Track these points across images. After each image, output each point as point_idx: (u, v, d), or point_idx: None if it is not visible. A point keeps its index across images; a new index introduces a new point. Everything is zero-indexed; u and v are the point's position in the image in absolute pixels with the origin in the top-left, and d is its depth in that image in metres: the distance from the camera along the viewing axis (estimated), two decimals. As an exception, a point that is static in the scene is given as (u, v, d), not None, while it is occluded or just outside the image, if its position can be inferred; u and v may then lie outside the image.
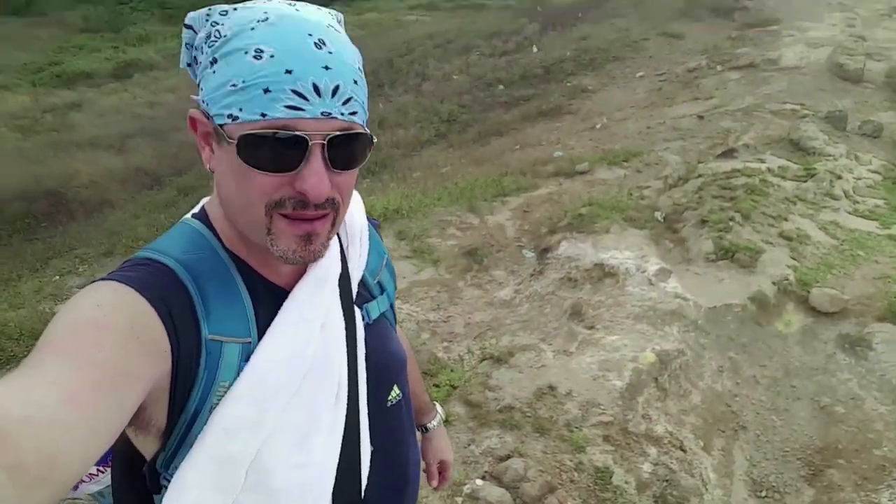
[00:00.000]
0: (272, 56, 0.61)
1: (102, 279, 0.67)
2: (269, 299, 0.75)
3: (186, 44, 0.71)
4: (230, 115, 0.64)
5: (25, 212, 9.04)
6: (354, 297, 0.86)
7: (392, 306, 0.98)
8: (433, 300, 4.14)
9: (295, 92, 0.62)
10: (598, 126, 8.97)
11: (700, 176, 5.35)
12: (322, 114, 0.63)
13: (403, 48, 14.29)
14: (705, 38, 12.57)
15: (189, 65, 0.72)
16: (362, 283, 0.89)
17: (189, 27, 0.70)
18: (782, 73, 9.56)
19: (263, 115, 0.62)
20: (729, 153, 5.93)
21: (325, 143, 0.64)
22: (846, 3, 14.76)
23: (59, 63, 17.36)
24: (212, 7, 0.68)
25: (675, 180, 5.56)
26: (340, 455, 0.78)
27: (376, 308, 0.90)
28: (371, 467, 0.85)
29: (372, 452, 0.86)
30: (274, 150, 0.63)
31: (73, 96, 14.56)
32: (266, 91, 0.61)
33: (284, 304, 0.75)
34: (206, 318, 0.69)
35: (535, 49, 13.54)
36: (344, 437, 0.79)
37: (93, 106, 13.78)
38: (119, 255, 6.79)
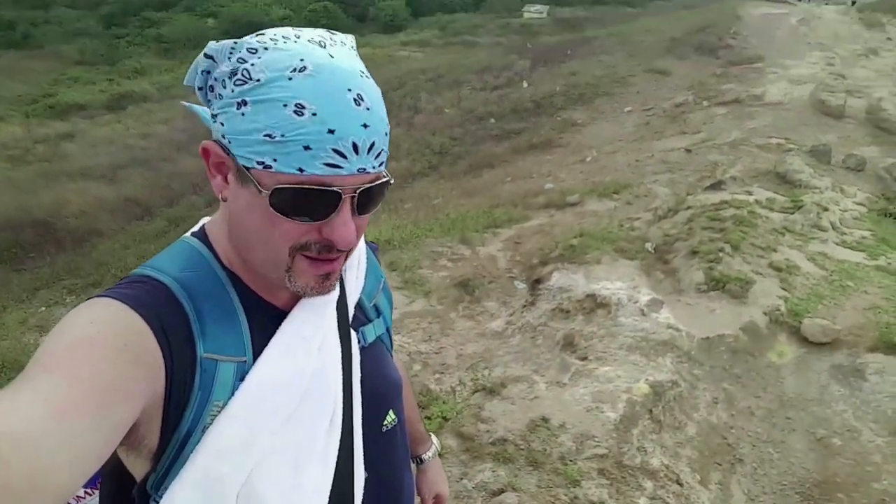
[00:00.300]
0: (314, 114, 0.62)
1: (98, 296, 0.67)
2: (265, 319, 0.74)
3: (203, 70, 0.68)
4: (261, 163, 0.63)
5: (13, 242, 8.96)
6: (350, 319, 0.85)
7: (388, 330, 0.97)
8: (425, 331, 4.10)
9: (335, 151, 0.63)
10: (588, 159, 9.10)
11: (689, 207, 5.40)
12: (358, 170, 0.65)
13: (396, 82, 14.55)
14: (691, 75, 12.91)
15: (200, 88, 0.70)
16: (359, 305, 0.89)
17: (210, 57, 0.67)
18: (767, 108, 9.80)
19: (301, 170, 0.63)
20: (717, 185, 6.01)
21: (356, 195, 0.67)
22: (825, 43, 15.28)
23: (53, 94, 17.52)
24: (237, 41, 0.66)
25: (664, 212, 5.61)
26: (334, 481, 0.76)
27: (372, 331, 0.90)
28: (365, 494, 0.83)
29: (366, 479, 0.83)
30: (308, 202, 0.65)
31: (65, 127, 14.64)
32: (307, 148, 0.62)
33: (284, 323, 0.75)
34: (201, 336, 0.68)
35: (525, 84, 13.83)
36: (337, 462, 0.77)
37: (85, 137, 13.84)
38: (107, 285, 6.69)
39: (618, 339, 3.50)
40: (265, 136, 0.62)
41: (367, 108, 0.64)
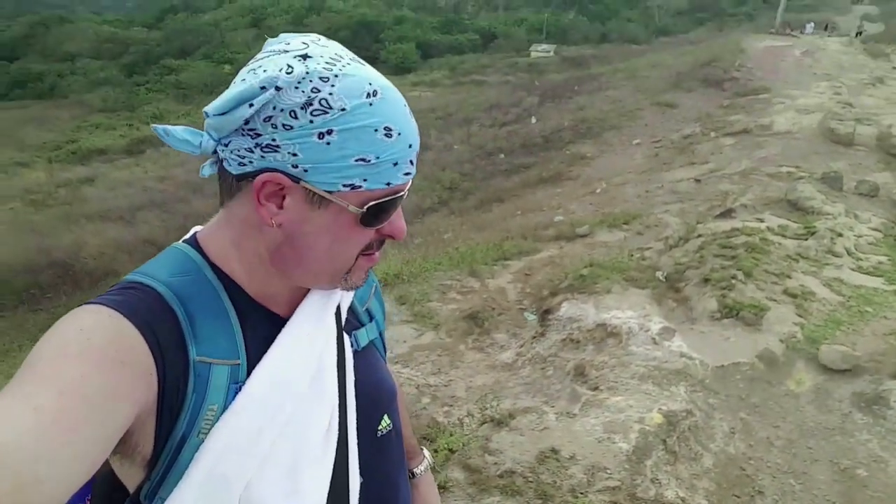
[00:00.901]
0: (399, 134, 0.68)
1: (88, 303, 0.66)
2: (261, 323, 0.74)
3: (261, 103, 0.65)
4: (349, 185, 0.67)
5: (32, 283, 9.12)
6: (343, 323, 0.85)
7: (381, 335, 0.96)
8: (434, 364, 4.05)
9: (411, 161, 0.71)
10: (597, 191, 9.12)
11: (700, 236, 5.36)
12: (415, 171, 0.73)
13: (406, 121, 14.83)
14: (698, 107, 13.00)
15: (247, 120, 0.66)
16: (351, 309, 0.89)
17: (279, 89, 0.65)
18: (776, 137, 9.81)
19: (388, 183, 0.69)
20: (728, 213, 5.97)
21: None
22: (831, 72, 15.37)
23: (76, 141, 18.12)
24: (308, 71, 0.65)
25: (675, 241, 5.57)
26: (330, 486, 0.76)
27: (365, 336, 0.89)
28: (360, 499, 0.82)
29: (361, 484, 0.82)
30: (390, 209, 0.71)
31: (86, 171, 15.08)
32: (395, 164, 0.68)
33: (288, 323, 0.75)
34: (193, 339, 0.68)
35: (533, 120, 14.02)
36: (333, 466, 0.77)
37: (105, 180, 14.22)
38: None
39: (629, 369, 3.43)
40: (358, 160, 0.66)
41: (413, 117, 0.71)
